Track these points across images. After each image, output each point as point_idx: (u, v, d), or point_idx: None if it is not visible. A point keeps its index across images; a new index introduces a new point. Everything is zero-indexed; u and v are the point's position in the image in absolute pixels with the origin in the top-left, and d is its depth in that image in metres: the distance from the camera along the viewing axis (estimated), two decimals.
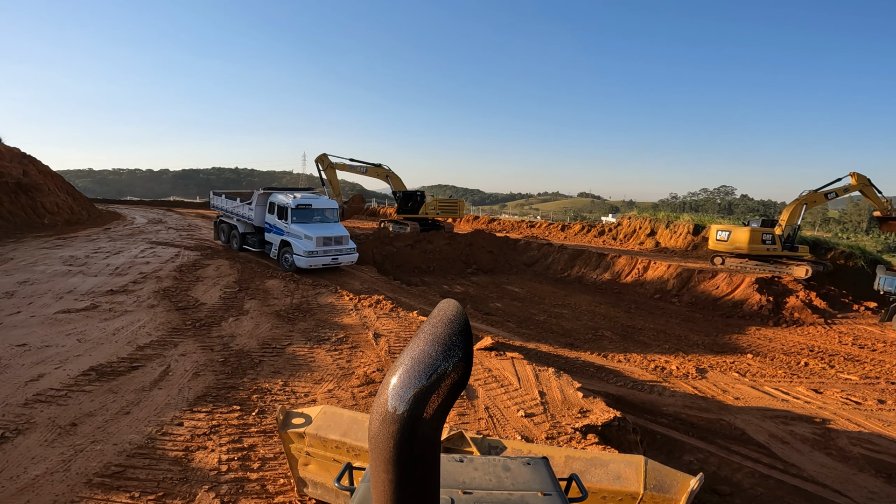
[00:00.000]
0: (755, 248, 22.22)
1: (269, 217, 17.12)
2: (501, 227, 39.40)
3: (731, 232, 23.15)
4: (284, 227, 16.22)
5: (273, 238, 16.94)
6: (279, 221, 16.54)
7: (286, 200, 16.52)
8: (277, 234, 16.65)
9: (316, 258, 15.56)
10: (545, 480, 2.29)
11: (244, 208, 18.39)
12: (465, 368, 1.18)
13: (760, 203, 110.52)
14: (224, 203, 20.22)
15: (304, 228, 15.88)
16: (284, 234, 16.17)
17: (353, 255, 16.91)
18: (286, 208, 16.32)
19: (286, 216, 16.24)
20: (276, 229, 16.76)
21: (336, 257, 16.25)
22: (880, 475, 8.00)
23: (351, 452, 4.00)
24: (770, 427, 9.43)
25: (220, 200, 20.76)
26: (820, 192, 23.11)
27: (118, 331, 8.68)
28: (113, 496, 4.40)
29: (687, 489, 3.52)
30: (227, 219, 20.11)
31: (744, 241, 22.27)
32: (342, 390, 6.91)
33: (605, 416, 6.79)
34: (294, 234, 15.84)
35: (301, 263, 15.37)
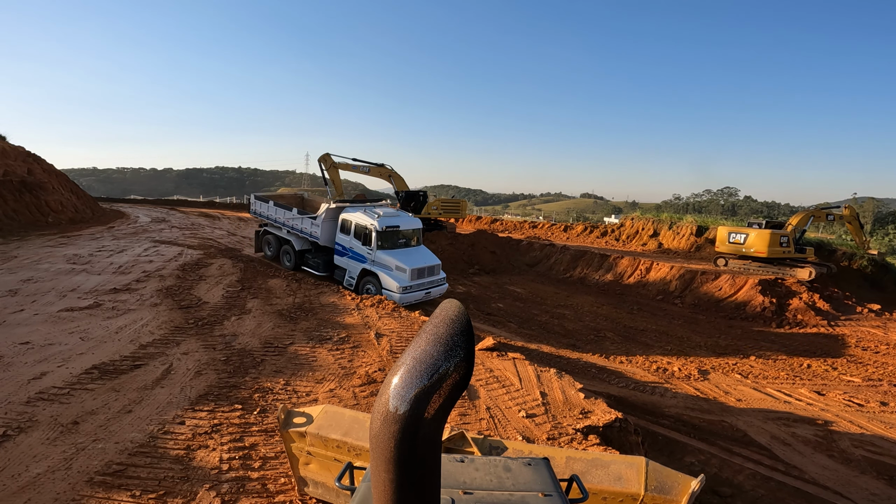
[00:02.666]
0: (774, 251, 21.98)
1: (343, 238, 14.49)
2: (504, 227, 39.39)
3: (749, 235, 22.67)
4: (367, 254, 13.71)
5: (348, 264, 14.38)
6: (359, 245, 13.95)
7: (369, 221, 13.77)
8: (356, 260, 14.09)
9: (410, 293, 13.14)
10: (546, 481, 2.29)
11: (306, 222, 15.68)
12: (467, 369, 1.18)
13: (764, 205, 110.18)
14: (273, 212, 17.28)
15: (394, 257, 13.43)
16: (367, 262, 13.69)
17: (443, 285, 14.52)
18: (370, 232, 13.71)
19: (369, 240, 13.67)
20: (353, 254, 14.22)
21: (429, 290, 13.80)
22: (882, 477, 7.97)
23: (352, 452, 4.00)
24: (772, 429, 9.40)
25: (266, 208, 17.70)
26: (823, 211, 25.13)
27: (121, 329, 8.71)
28: (114, 494, 4.41)
29: (688, 491, 3.51)
30: (275, 230, 17.30)
31: (764, 244, 21.93)
32: (344, 390, 6.92)
33: (607, 418, 6.78)
34: (382, 264, 13.43)
35: (396, 299, 12.77)
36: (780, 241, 22.16)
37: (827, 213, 25.23)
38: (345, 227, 14.56)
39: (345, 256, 14.54)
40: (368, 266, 13.70)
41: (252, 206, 18.68)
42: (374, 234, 13.62)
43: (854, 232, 25.95)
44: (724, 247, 23.55)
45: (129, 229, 23.96)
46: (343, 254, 14.61)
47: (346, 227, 14.49)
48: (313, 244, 15.96)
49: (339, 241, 14.80)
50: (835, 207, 25.53)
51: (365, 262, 13.81)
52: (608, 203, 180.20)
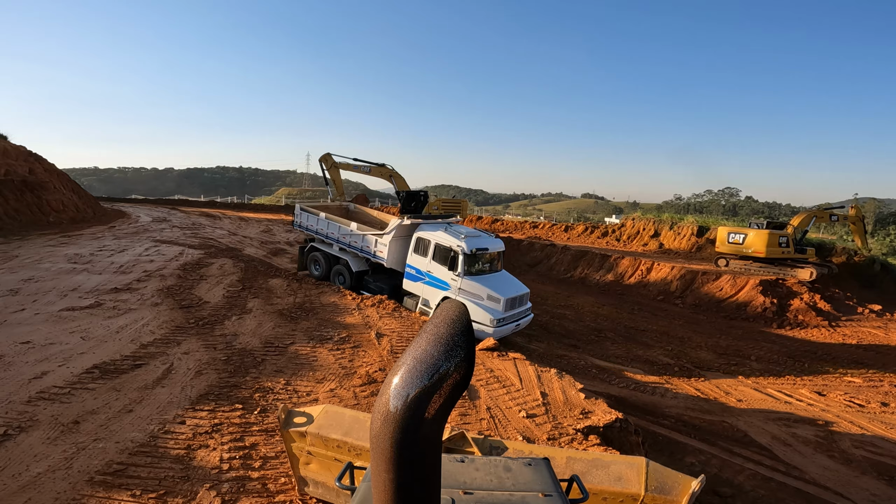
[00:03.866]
0: (772, 251, 22.14)
1: (418, 259, 12.50)
2: (505, 227, 39.39)
3: (747, 235, 22.89)
4: (451, 280, 11.76)
5: (424, 291, 12.38)
6: (440, 269, 11.98)
7: (455, 242, 11.74)
8: (435, 286, 12.08)
9: (503, 327, 11.39)
10: (546, 481, 2.29)
11: (368, 240, 13.67)
12: (468, 369, 1.18)
13: (765, 205, 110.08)
14: (325, 226, 15.07)
15: (483, 284, 11.60)
16: (449, 290, 11.78)
17: (529, 315, 12.77)
18: (455, 254, 11.66)
19: (455, 264, 11.66)
20: (431, 279, 12.18)
21: (518, 322, 12.02)
22: (883, 478, 7.96)
23: (352, 452, 4.00)
24: (773, 429, 9.39)
25: (315, 221, 15.54)
26: (826, 212, 25.00)
27: (122, 329, 8.71)
28: (114, 494, 4.41)
29: (688, 491, 3.51)
30: (324, 246, 15.21)
31: (762, 244, 22.12)
32: (344, 389, 6.92)
33: (607, 418, 6.78)
34: (469, 293, 11.52)
35: (484, 336, 10.83)
36: (779, 241, 22.24)
37: (830, 213, 25.11)
38: (421, 246, 12.46)
39: (419, 281, 12.40)
40: (452, 294, 11.76)
41: (297, 218, 16.50)
42: (460, 257, 11.57)
43: (857, 233, 25.79)
44: (724, 247, 23.64)
45: (130, 229, 23.98)
46: (416, 278, 12.48)
47: (423, 248, 12.40)
48: (376, 265, 13.90)
49: (411, 263, 12.68)
50: (838, 208, 25.53)
51: (447, 289, 11.81)
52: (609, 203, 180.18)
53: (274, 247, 20.98)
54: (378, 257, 13.52)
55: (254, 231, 26.87)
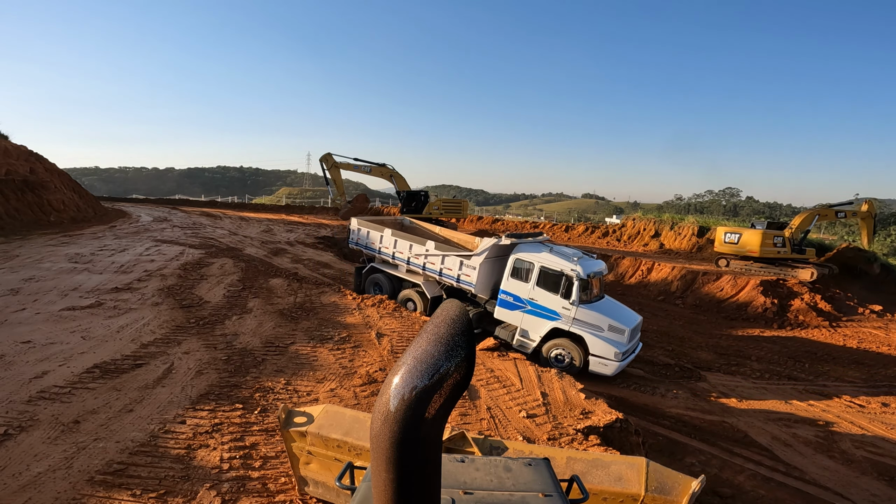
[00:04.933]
0: (766, 251, 22.23)
1: (516, 285, 11.12)
2: (505, 227, 39.36)
3: (742, 234, 23.13)
4: (562, 310, 10.51)
5: (524, 321, 11.04)
6: (548, 297, 10.70)
7: (568, 266, 10.49)
8: (540, 315, 10.81)
9: (626, 360, 10.55)
10: (546, 481, 2.29)
11: (451, 262, 11.98)
12: (468, 369, 1.18)
13: (766, 205, 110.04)
14: (391, 245, 13.23)
15: (602, 313, 10.52)
16: (560, 320, 10.56)
17: (640, 345, 11.79)
18: (570, 280, 10.42)
19: (568, 292, 10.45)
20: (535, 307, 10.86)
21: (634, 352, 11.18)
22: (883, 478, 7.96)
23: (352, 452, 4.00)
24: (773, 430, 9.39)
25: (377, 238, 13.64)
26: (832, 209, 24.05)
27: (122, 328, 8.72)
28: (115, 494, 4.41)
29: (688, 491, 3.51)
30: (386, 267, 13.56)
31: (756, 243, 22.30)
32: (344, 389, 6.92)
33: (607, 418, 6.78)
34: (588, 324, 10.40)
35: (608, 371, 10.31)
36: (774, 240, 22.29)
37: (837, 210, 24.34)
38: (521, 270, 11.08)
39: (517, 310, 11.09)
40: (563, 325, 10.54)
41: (353, 234, 14.46)
42: (576, 283, 10.32)
43: (866, 230, 25.06)
44: (722, 247, 23.74)
45: (131, 228, 23.99)
46: (514, 306, 11.13)
47: (524, 272, 11.03)
48: (456, 291, 12.32)
49: (507, 289, 11.27)
50: (847, 204, 24.55)
51: (557, 319, 10.57)
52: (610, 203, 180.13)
53: (274, 247, 20.98)
54: (463, 282, 11.85)
55: (254, 231, 26.87)
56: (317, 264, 17.74)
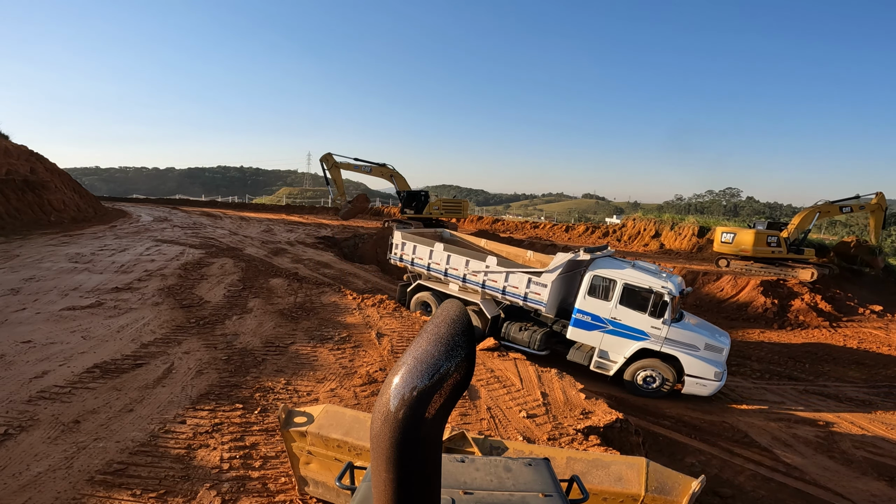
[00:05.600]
0: (760, 251, 22.30)
1: (594, 303, 10.55)
2: (505, 227, 39.37)
3: (737, 234, 23.28)
4: (651, 329, 10.12)
5: (604, 341, 10.56)
6: (635, 316, 10.24)
7: (658, 283, 10.07)
8: (625, 336, 10.37)
9: (723, 380, 10.14)
10: (546, 481, 2.29)
11: (516, 279, 11.18)
12: (468, 368, 1.18)
13: (766, 205, 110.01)
14: (441, 260, 12.26)
15: (695, 331, 10.22)
16: (649, 340, 10.17)
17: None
18: (659, 298, 10.02)
19: (659, 310, 10.04)
20: (617, 327, 10.39)
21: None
22: (883, 478, 7.96)
23: (352, 452, 4.00)
24: (773, 430, 9.39)
25: (426, 253, 12.64)
26: (835, 205, 23.29)
27: (123, 328, 8.72)
28: (115, 493, 4.41)
29: (688, 491, 3.51)
30: (436, 285, 12.66)
31: (749, 243, 22.43)
32: (344, 389, 6.92)
33: (608, 418, 6.78)
34: (683, 343, 10.05)
35: (707, 392, 9.99)
36: (768, 240, 22.29)
37: (842, 206, 23.49)
38: (599, 288, 10.49)
39: (595, 330, 10.55)
40: (653, 345, 10.14)
41: (395, 249, 13.24)
42: (668, 300, 9.91)
43: (875, 225, 23.96)
44: (720, 247, 23.78)
45: (131, 228, 24.00)
46: (592, 326, 10.57)
47: (604, 289, 10.45)
48: (518, 310, 11.66)
49: (583, 307, 10.64)
50: (853, 199, 23.65)
51: (645, 338, 10.17)
52: (610, 203, 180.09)
53: (275, 246, 20.98)
54: (531, 301, 11.03)
55: (254, 231, 26.88)
56: (317, 264, 17.74)
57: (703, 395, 10.06)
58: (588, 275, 10.64)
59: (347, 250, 23.68)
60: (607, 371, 10.65)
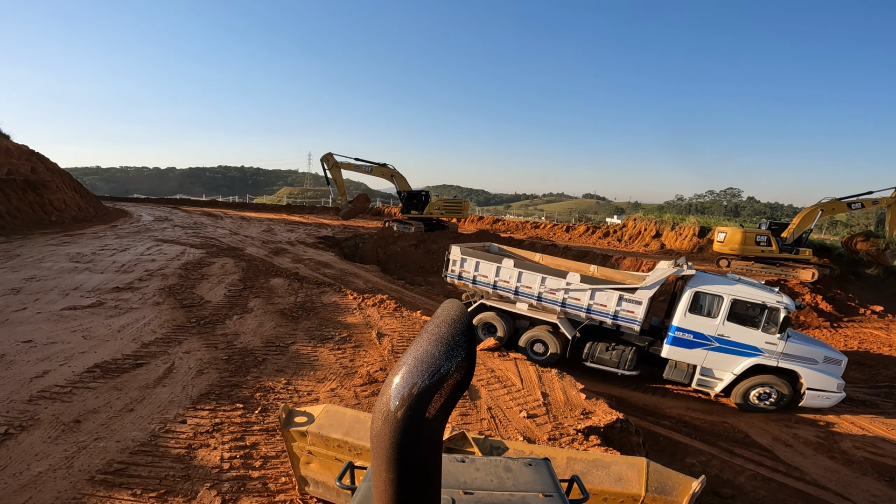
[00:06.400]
0: (748, 250, 22.41)
1: (696, 320, 10.26)
2: (506, 227, 39.37)
3: (727, 233, 23.47)
4: (766, 345, 9.95)
5: (709, 359, 10.29)
6: (746, 332, 10.04)
7: (772, 298, 9.94)
8: (733, 353, 10.14)
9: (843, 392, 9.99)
10: (546, 481, 2.29)
11: (605, 297, 10.58)
12: (468, 368, 1.18)
13: (767, 206, 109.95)
14: (510, 277, 11.45)
15: (815, 346, 10.28)
16: (763, 356, 9.99)
17: None
18: (774, 311, 9.89)
19: (775, 325, 9.90)
20: (725, 344, 10.15)
21: None
22: (883, 479, 7.95)
23: (353, 451, 4.00)
24: (773, 430, 9.38)
25: (491, 270, 11.72)
26: (842, 202, 22.40)
27: (123, 328, 8.73)
28: (115, 493, 4.42)
29: (688, 492, 3.51)
30: (502, 304, 11.80)
31: (737, 241, 22.62)
32: (345, 389, 6.92)
33: (608, 418, 6.77)
34: (801, 357, 9.95)
35: (829, 404, 9.93)
36: (756, 239, 22.32)
37: (850, 202, 22.38)
38: (702, 304, 10.25)
39: (698, 348, 10.26)
40: (768, 360, 9.96)
41: (452, 266, 12.27)
42: (783, 315, 9.84)
43: (892, 219, 22.80)
44: (719, 247, 23.87)
45: (132, 228, 24.03)
46: (694, 344, 10.27)
47: (707, 306, 10.22)
48: (595, 329, 11.23)
49: (684, 325, 10.31)
50: (865, 195, 22.49)
51: (758, 354, 9.99)
52: (610, 203, 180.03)
53: (275, 246, 20.99)
54: (623, 319, 10.49)
55: (255, 230, 26.90)
56: (318, 264, 17.75)
57: (824, 406, 10.00)
58: (689, 291, 10.34)
59: (348, 250, 23.69)
60: (711, 388, 10.47)
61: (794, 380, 10.07)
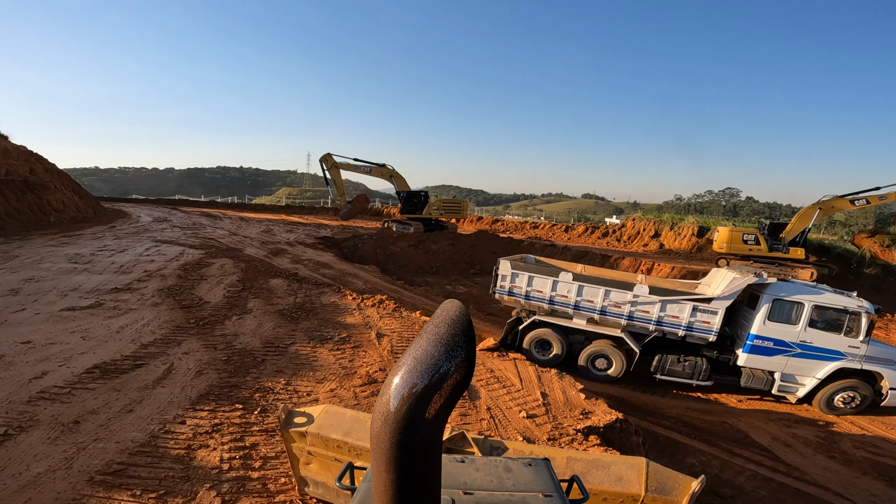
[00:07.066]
0: (736, 248, 22.70)
1: (776, 328, 10.33)
2: (505, 227, 39.39)
3: (719, 232, 23.89)
4: (849, 349, 10.16)
5: (790, 365, 10.41)
6: (828, 338, 10.21)
7: (851, 303, 10.17)
8: (817, 358, 10.30)
9: None
10: (546, 482, 2.29)
11: (679, 309, 10.46)
12: (468, 369, 1.18)
13: (766, 205, 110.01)
14: (569, 291, 11.13)
15: (889, 348, 10.66)
16: (846, 359, 10.18)
17: None
18: (856, 315, 10.12)
19: (857, 330, 10.13)
20: (807, 349, 10.31)
21: None
22: (883, 478, 7.97)
23: (352, 452, 4.00)
24: (773, 430, 9.39)
25: (546, 285, 11.34)
26: (844, 199, 21.89)
27: (122, 329, 8.72)
28: (115, 494, 4.41)
29: (688, 491, 3.51)
30: (558, 319, 11.47)
31: (724, 240, 23.02)
32: (344, 390, 6.92)
33: (608, 418, 6.78)
34: (883, 360, 10.27)
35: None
36: (744, 238, 22.60)
37: (853, 199, 21.77)
38: (782, 312, 10.34)
39: (779, 355, 10.44)
40: (852, 364, 10.20)
41: (501, 282, 11.89)
42: (865, 319, 10.08)
43: None
44: (715, 246, 24.14)
45: (131, 229, 24.00)
46: (775, 351, 10.43)
47: (788, 313, 10.33)
48: (669, 341, 10.97)
49: (763, 333, 10.39)
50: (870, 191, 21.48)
51: (841, 358, 10.22)
52: (609, 203, 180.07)
53: (274, 247, 20.98)
54: (698, 330, 10.44)
55: (254, 231, 26.89)
56: (317, 265, 17.75)
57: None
58: (767, 297, 10.41)
59: (347, 251, 23.67)
60: (793, 393, 10.61)
61: (872, 381, 10.32)
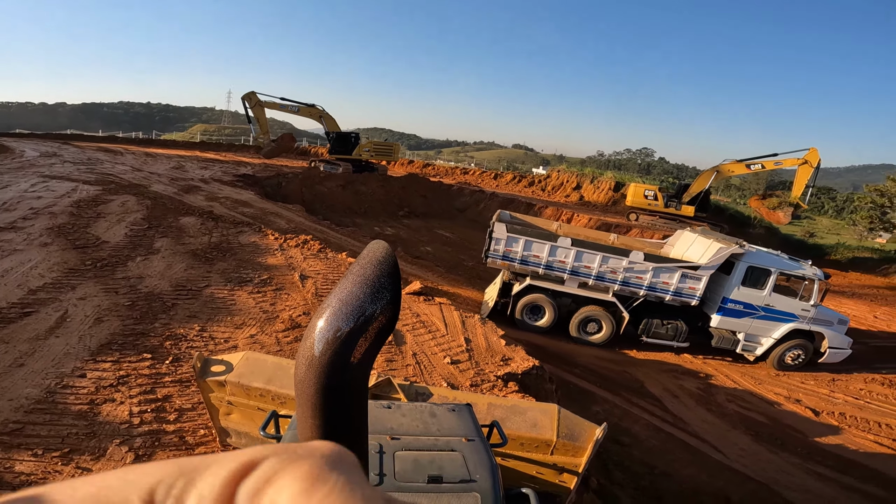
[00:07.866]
0: (638, 202, 25.21)
1: (746, 292, 11.15)
2: (436, 172, 39.21)
3: (629, 188, 26.85)
4: (801, 311, 11.17)
5: (752, 326, 11.31)
6: (787, 301, 11.18)
7: (807, 271, 11.15)
8: (775, 320, 11.27)
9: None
10: (469, 427, 2.36)
11: (671, 275, 10.98)
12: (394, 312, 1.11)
13: (675, 166, 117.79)
14: (566, 256, 11.12)
15: (829, 311, 11.68)
16: (798, 321, 11.19)
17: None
18: (810, 283, 11.11)
19: (807, 293, 11.12)
20: (769, 312, 11.23)
21: None
22: (749, 432, 8.73)
23: (276, 400, 3.91)
24: (664, 381, 10.25)
25: (544, 249, 11.21)
26: (741, 163, 23.23)
27: (7, 272, 7.74)
28: (14, 454, 4.04)
29: (593, 438, 3.81)
30: (551, 284, 11.41)
31: (630, 195, 25.77)
32: (266, 335, 6.70)
33: (525, 365, 7.13)
34: (824, 321, 11.31)
35: (840, 358, 11.45)
36: (645, 194, 25.30)
37: (749, 163, 23.04)
38: (753, 277, 11.11)
39: (745, 317, 11.29)
40: (803, 325, 11.22)
41: (494, 245, 11.42)
42: (817, 284, 11.06)
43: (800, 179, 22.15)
44: (628, 201, 26.14)
45: (14, 164, 20.99)
46: (742, 314, 11.28)
47: (756, 278, 11.12)
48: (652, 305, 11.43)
49: (736, 297, 11.21)
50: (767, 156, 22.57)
51: (795, 320, 11.22)
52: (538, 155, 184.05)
53: (186, 184, 19.35)
54: (685, 295, 11.11)
55: (162, 167, 24.57)
56: (235, 202, 16.67)
57: (837, 361, 11.48)
58: (742, 266, 11.12)
59: (269, 189, 22.40)
60: (754, 353, 11.61)
61: (813, 340, 11.56)
